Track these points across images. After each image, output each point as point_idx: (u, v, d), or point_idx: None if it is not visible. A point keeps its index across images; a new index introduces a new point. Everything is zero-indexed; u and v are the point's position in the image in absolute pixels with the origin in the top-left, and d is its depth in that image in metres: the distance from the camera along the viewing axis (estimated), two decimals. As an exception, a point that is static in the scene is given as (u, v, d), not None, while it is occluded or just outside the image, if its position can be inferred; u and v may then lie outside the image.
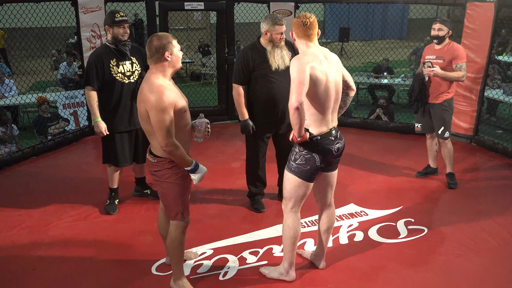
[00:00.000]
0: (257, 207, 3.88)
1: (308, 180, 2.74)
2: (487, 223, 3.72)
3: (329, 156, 2.69)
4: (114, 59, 3.60)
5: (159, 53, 2.52)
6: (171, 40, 2.56)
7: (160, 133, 2.48)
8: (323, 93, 2.58)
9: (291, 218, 2.82)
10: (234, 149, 5.47)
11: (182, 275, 2.84)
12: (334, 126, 2.70)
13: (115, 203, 3.96)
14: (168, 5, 6.01)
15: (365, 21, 17.76)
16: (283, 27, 3.44)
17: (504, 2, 5.08)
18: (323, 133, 2.65)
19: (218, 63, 6.54)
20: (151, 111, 2.47)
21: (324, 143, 2.65)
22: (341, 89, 2.70)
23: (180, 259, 2.81)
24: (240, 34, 7.54)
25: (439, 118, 4.24)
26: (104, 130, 3.63)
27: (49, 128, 6.11)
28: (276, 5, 6.34)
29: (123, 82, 3.63)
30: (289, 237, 2.83)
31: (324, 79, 2.55)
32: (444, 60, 4.13)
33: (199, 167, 2.68)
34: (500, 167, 4.93)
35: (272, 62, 3.47)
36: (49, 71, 8.92)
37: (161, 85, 2.50)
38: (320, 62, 2.56)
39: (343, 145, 2.78)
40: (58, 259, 3.22)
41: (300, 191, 2.76)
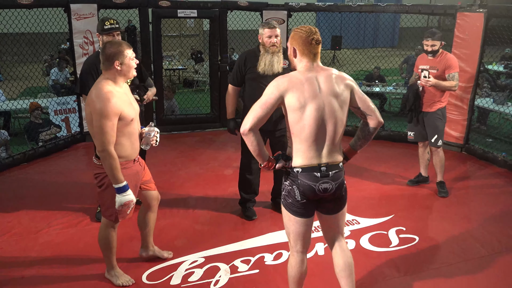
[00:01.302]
0: (249, 215, 3.87)
1: (295, 214, 2.40)
2: (478, 231, 3.74)
3: (310, 194, 2.32)
4: None
5: (109, 61, 2.58)
6: (123, 49, 2.59)
7: (98, 138, 2.54)
8: (300, 123, 2.27)
9: (292, 257, 2.53)
10: (226, 156, 5.47)
11: (114, 265, 3.01)
12: (326, 162, 2.31)
13: None
14: (161, 12, 6.02)
15: (357, 30, 17.92)
16: (273, 31, 3.45)
17: (493, 12, 5.16)
18: (305, 166, 2.30)
19: (211, 70, 6.56)
20: (94, 115, 2.52)
21: (305, 177, 2.30)
22: (337, 121, 2.30)
23: (111, 253, 2.95)
24: (233, 42, 7.57)
25: (432, 127, 4.28)
26: None
27: (40, 134, 6.06)
28: (269, 13, 6.38)
29: None
30: (290, 276, 2.56)
31: (301, 107, 2.25)
32: (437, 70, 4.18)
33: (127, 191, 2.62)
34: (490, 175, 4.97)
35: (259, 65, 3.50)
36: (40, 77, 8.88)
37: (109, 92, 2.53)
38: (302, 88, 2.25)
39: (335, 187, 2.33)
40: (48, 266, 3.19)
41: (292, 226, 2.45)
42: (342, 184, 2.39)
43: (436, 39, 4.18)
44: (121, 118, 2.57)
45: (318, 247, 3.46)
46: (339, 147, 2.38)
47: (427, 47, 4.22)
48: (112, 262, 2.99)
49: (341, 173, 2.37)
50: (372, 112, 2.38)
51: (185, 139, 6.00)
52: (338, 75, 2.34)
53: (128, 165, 2.73)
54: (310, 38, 2.29)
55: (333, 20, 7.68)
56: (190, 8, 6.11)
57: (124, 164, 2.69)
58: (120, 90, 2.64)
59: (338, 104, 2.30)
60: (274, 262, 3.28)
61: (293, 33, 2.36)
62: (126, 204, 2.64)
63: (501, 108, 6.90)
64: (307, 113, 2.26)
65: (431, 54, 4.23)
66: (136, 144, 2.78)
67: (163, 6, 5.99)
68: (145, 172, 2.98)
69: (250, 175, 3.84)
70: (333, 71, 2.36)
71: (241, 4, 6.38)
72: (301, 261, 2.51)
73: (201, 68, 11.09)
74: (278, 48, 3.51)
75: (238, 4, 6.37)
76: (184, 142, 5.92)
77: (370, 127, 2.42)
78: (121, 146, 2.65)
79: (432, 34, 4.20)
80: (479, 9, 5.21)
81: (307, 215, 2.43)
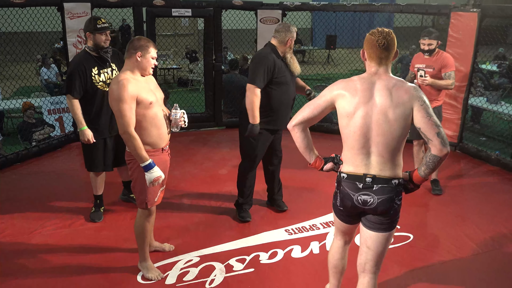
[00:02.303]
0: (244, 216, 3.85)
1: (337, 216, 2.44)
2: (471, 229, 3.76)
3: (348, 202, 2.26)
4: (95, 67, 3.56)
5: (133, 51, 2.75)
6: (149, 46, 2.77)
7: (119, 122, 2.70)
8: (347, 129, 2.21)
9: (332, 243, 2.65)
10: (220, 155, 5.46)
11: (147, 258, 3.09)
12: (372, 173, 2.18)
13: (100, 210, 3.92)
14: (156, 11, 6.00)
15: (352, 29, 17.96)
16: None
17: (486, 12, 5.18)
18: (351, 173, 2.23)
19: (206, 69, 6.54)
20: (113, 101, 2.70)
21: (347, 185, 2.25)
22: (386, 134, 2.14)
23: (144, 244, 3.03)
24: (227, 41, 7.55)
25: None
26: (91, 138, 3.57)
27: (33, 134, 6.03)
28: (264, 12, 6.37)
29: (104, 90, 3.57)
30: (328, 262, 2.66)
31: (350, 110, 2.18)
32: (434, 69, 4.20)
33: (154, 168, 2.76)
34: (484, 173, 5.00)
35: (294, 68, 3.58)
36: (34, 76, 8.83)
37: (125, 79, 2.70)
38: (355, 93, 2.17)
39: (377, 202, 2.19)
40: (41, 267, 3.17)
41: (335, 222, 2.52)
42: (388, 202, 2.19)
43: (433, 38, 4.20)
44: (139, 102, 2.72)
45: (313, 246, 3.47)
46: (395, 162, 2.20)
47: (424, 46, 4.24)
48: (144, 253, 3.07)
49: (389, 189, 2.18)
50: (433, 138, 2.10)
51: (180, 139, 5.98)
52: (399, 86, 2.15)
53: (156, 153, 2.86)
54: (376, 41, 2.16)
55: (327, 19, 7.71)
56: (185, 7, 6.09)
57: (152, 152, 2.82)
58: (138, 78, 2.80)
59: (390, 116, 2.13)
60: (269, 261, 3.28)
61: (366, 36, 2.24)
62: (155, 180, 2.76)
63: (494, 107, 6.94)
64: (354, 120, 2.18)
65: (428, 53, 4.24)
66: (162, 131, 2.87)
67: (157, 5, 5.97)
68: None
69: (252, 174, 3.79)
70: (396, 81, 2.18)
71: (235, 3, 6.36)
72: (336, 247, 2.58)
73: (195, 67, 11.06)
74: None
75: (233, 3, 6.36)
76: (178, 141, 5.90)
77: (431, 154, 2.14)
78: (145, 131, 2.77)
79: (429, 33, 4.22)
80: (472, 9, 5.24)
81: (349, 222, 2.41)
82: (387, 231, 2.29)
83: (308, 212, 4.00)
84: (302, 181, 4.69)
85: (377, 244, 2.31)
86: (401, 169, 2.24)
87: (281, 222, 3.83)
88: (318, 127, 6.37)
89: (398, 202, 2.23)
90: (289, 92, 3.61)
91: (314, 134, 6.85)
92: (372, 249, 2.32)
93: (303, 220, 3.86)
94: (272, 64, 3.45)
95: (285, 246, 3.47)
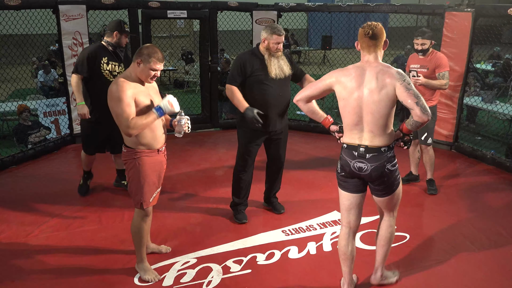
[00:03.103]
0: (240, 218, 3.85)
1: (340, 187, 2.77)
2: (467, 228, 3.78)
3: (347, 168, 2.64)
4: (106, 57, 3.98)
5: (136, 56, 2.78)
6: (152, 56, 2.76)
7: (120, 122, 2.72)
8: (343, 107, 2.60)
9: (340, 230, 2.85)
10: (217, 157, 5.46)
11: (144, 259, 3.09)
12: (365, 144, 2.57)
13: (87, 183, 4.40)
14: (151, 13, 6.00)
15: (347, 30, 17.97)
16: (281, 38, 3.49)
17: (480, 11, 5.21)
18: (348, 143, 2.64)
19: (202, 70, 6.55)
20: (110, 102, 2.72)
21: (346, 153, 2.65)
22: (374, 112, 2.52)
23: (140, 244, 3.04)
24: (223, 42, 7.56)
25: None
26: (86, 112, 3.96)
27: (29, 137, 6.01)
28: (259, 13, 6.39)
29: (108, 79, 3.92)
30: (338, 249, 2.86)
31: (345, 94, 2.56)
32: (428, 69, 4.22)
33: (161, 105, 2.79)
34: (479, 173, 5.03)
35: (270, 70, 3.52)
36: (29, 78, 8.80)
37: (124, 81, 2.74)
38: (349, 80, 2.55)
39: (370, 169, 2.58)
40: (38, 270, 3.16)
41: (341, 199, 2.79)
42: (380, 168, 2.57)
43: (426, 38, 4.22)
44: (136, 105, 2.73)
45: (310, 246, 3.48)
46: (384, 135, 2.56)
47: (417, 46, 4.25)
48: (141, 254, 3.08)
49: (380, 156, 2.57)
50: (414, 107, 2.46)
51: (176, 140, 5.96)
52: (384, 72, 2.50)
53: (152, 154, 2.87)
54: (364, 31, 2.54)
55: (323, 20, 7.71)
56: (180, 9, 6.09)
57: (147, 152, 2.85)
58: (137, 83, 2.81)
59: (375, 97, 2.50)
60: (266, 262, 3.29)
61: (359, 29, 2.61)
62: (169, 102, 2.78)
63: (489, 106, 6.98)
64: (349, 102, 2.56)
65: (421, 53, 4.26)
66: (157, 133, 2.88)
67: (152, 7, 5.97)
68: None
69: (246, 175, 3.80)
70: (383, 67, 2.53)
71: (231, 4, 6.38)
72: (344, 234, 2.81)
73: (191, 68, 11.06)
74: (281, 51, 3.58)
75: (228, 4, 6.37)
76: (175, 143, 5.89)
77: (413, 120, 2.52)
78: (140, 133, 2.78)
79: (422, 33, 4.24)
80: (467, 8, 5.27)
81: (350, 190, 2.72)
82: (389, 194, 2.71)
83: (305, 213, 4.01)
84: (299, 182, 4.69)
85: (385, 205, 2.77)
86: (391, 138, 2.61)
87: (278, 223, 3.84)
88: (314, 127, 6.40)
89: (390, 168, 2.61)
90: (270, 92, 3.55)
91: (311, 135, 6.84)
92: (384, 207, 2.80)
93: (300, 221, 3.87)
94: (244, 62, 3.57)
95: (282, 247, 3.48)
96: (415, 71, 4.22)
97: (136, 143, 2.82)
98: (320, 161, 5.23)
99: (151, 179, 2.90)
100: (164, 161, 3.01)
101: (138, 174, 2.85)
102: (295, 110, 7.51)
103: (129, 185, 2.95)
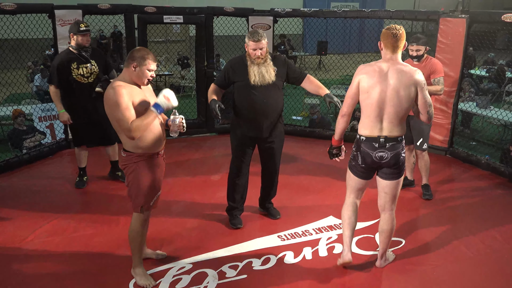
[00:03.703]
0: (234, 223, 3.83)
1: (355, 175, 3.10)
2: (462, 233, 3.79)
3: (369, 159, 2.94)
4: (75, 62, 4.24)
5: (129, 61, 2.77)
6: (146, 58, 2.77)
7: (121, 127, 2.71)
8: (366, 101, 2.89)
9: (345, 202, 3.22)
10: (213, 161, 5.46)
11: (140, 264, 3.07)
12: (384, 135, 2.89)
13: (83, 179, 4.64)
14: (147, 18, 6.01)
15: (343, 35, 18.08)
16: (258, 44, 3.41)
17: (475, 18, 5.26)
18: (367, 136, 2.92)
19: (197, 75, 6.55)
20: (108, 108, 2.72)
21: (366, 145, 2.93)
22: (396, 106, 2.84)
23: (138, 249, 3.02)
24: (219, 47, 7.57)
25: (418, 130, 4.34)
26: (67, 119, 4.33)
27: (24, 142, 5.98)
28: (255, 19, 6.41)
29: (82, 82, 4.28)
30: (342, 217, 3.22)
31: (368, 90, 2.86)
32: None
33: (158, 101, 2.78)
34: (474, 178, 5.05)
35: (249, 76, 3.49)
36: (24, 83, 8.77)
37: (120, 85, 2.73)
38: (373, 75, 2.86)
39: (390, 157, 2.91)
40: (33, 275, 3.14)
41: (350, 182, 3.16)
42: (398, 155, 2.94)
43: (421, 44, 4.24)
44: (134, 107, 2.73)
45: (306, 252, 3.48)
46: (401, 125, 2.91)
47: (412, 52, 4.28)
48: (138, 259, 3.06)
49: (398, 145, 2.92)
50: (424, 114, 2.95)
51: (172, 145, 5.97)
52: (407, 71, 2.85)
53: (151, 157, 2.88)
54: (390, 32, 2.84)
55: (318, 25, 7.76)
56: (176, 14, 6.10)
57: (147, 156, 2.85)
58: (134, 86, 2.80)
59: (400, 93, 2.83)
60: (262, 267, 3.28)
61: (383, 30, 2.91)
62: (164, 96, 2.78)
63: (484, 112, 7.02)
64: (372, 95, 2.85)
65: (416, 59, 4.29)
66: (158, 136, 2.88)
67: (148, 12, 5.98)
68: None
69: (239, 179, 3.78)
70: (404, 67, 2.86)
71: (227, 10, 6.40)
72: (350, 204, 3.18)
73: (187, 73, 11.07)
74: (264, 59, 3.48)
75: (224, 10, 6.39)
76: (170, 147, 5.88)
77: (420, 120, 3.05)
78: (140, 137, 2.77)
79: (417, 39, 4.27)
80: (461, 15, 5.31)
81: (366, 177, 3.10)
82: (398, 178, 3.04)
83: (301, 218, 4.01)
84: (295, 186, 4.70)
85: (392, 189, 3.06)
86: (404, 129, 2.97)
87: (273, 228, 3.83)
88: (310, 133, 6.41)
89: (403, 155, 3.00)
90: (254, 99, 3.51)
91: (307, 140, 6.84)
92: (389, 193, 3.07)
93: (295, 226, 3.87)
94: (229, 67, 3.62)
95: (278, 252, 3.48)
96: None
97: (136, 147, 2.81)
98: (316, 166, 5.24)
99: (151, 183, 2.90)
100: (163, 164, 3.02)
101: (138, 178, 2.85)
102: (291, 115, 7.53)
103: (128, 189, 2.94)
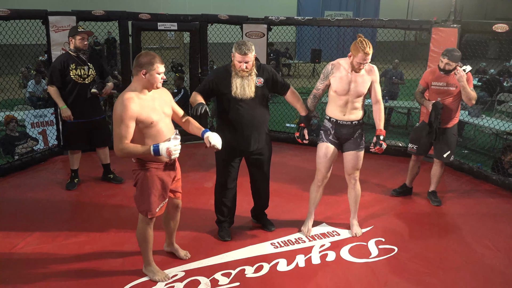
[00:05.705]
0: (223, 235, 3.76)
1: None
2: (454, 241, 3.81)
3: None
4: (73, 63, 4.44)
5: (138, 69, 2.76)
6: (154, 62, 2.76)
7: (114, 137, 2.74)
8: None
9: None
10: (206, 168, 5.45)
11: (151, 262, 3.17)
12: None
13: (74, 181, 4.74)
14: (141, 25, 6.01)
15: (336, 43, 18.19)
16: (244, 57, 3.28)
17: (466, 27, 5.31)
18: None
19: (191, 82, 6.56)
20: (113, 119, 2.75)
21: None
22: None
23: (147, 248, 3.10)
24: (213, 54, 7.59)
25: (447, 142, 4.33)
26: (70, 115, 4.42)
27: (16, 148, 5.94)
28: (249, 26, 6.43)
29: (79, 82, 4.46)
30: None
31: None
32: (456, 87, 4.17)
33: (159, 147, 2.73)
34: (466, 186, 5.08)
35: (232, 89, 3.38)
36: (17, 89, 8.73)
37: (129, 98, 2.73)
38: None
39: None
40: (23, 282, 3.11)
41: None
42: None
43: (452, 60, 4.09)
44: (140, 121, 2.75)
45: (299, 259, 3.47)
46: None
47: (441, 64, 4.16)
48: (148, 257, 3.14)
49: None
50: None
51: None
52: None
53: (160, 166, 2.90)
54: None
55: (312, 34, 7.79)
56: (170, 21, 6.12)
57: (156, 165, 2.88)
58: (144, 96, 2.81)
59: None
60: (255, 275, 3.27)
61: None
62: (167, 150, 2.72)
63: (476, 120, 7.08)
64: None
65: (444, 72, 4.18)
66: None
67: (143, 19, 5.99)
68: (177, 178, 3.13)
69: (227, 195, 3.70)
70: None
71: (221, 17, 6.42)
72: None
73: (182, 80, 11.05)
74: (249, 72, 3.37)
75: (218, 17, 6.41)
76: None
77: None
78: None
79: (450, 53, 4.11)
80: (453, 24, 5.37)
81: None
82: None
83: (294, 225, 4.00)
84: (288, 194, 4.70)
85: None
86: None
87: (266, 236, 3.82)
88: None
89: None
90: (242, 111, 3.42)
91: (300, 147, 6.81)
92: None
93: (288, 234, 3.86)
94: (212, 76, 3.51)
95: (271, 259, 3.47)
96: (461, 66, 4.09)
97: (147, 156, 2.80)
98: (309, 173, 5.22)
99: (158, 191, 2.93)
100: (175, 172, 3.06)
101: (146, 184, 2.88)
102: (284, 122, 7.55)
103: (136, 192, 2.97)
